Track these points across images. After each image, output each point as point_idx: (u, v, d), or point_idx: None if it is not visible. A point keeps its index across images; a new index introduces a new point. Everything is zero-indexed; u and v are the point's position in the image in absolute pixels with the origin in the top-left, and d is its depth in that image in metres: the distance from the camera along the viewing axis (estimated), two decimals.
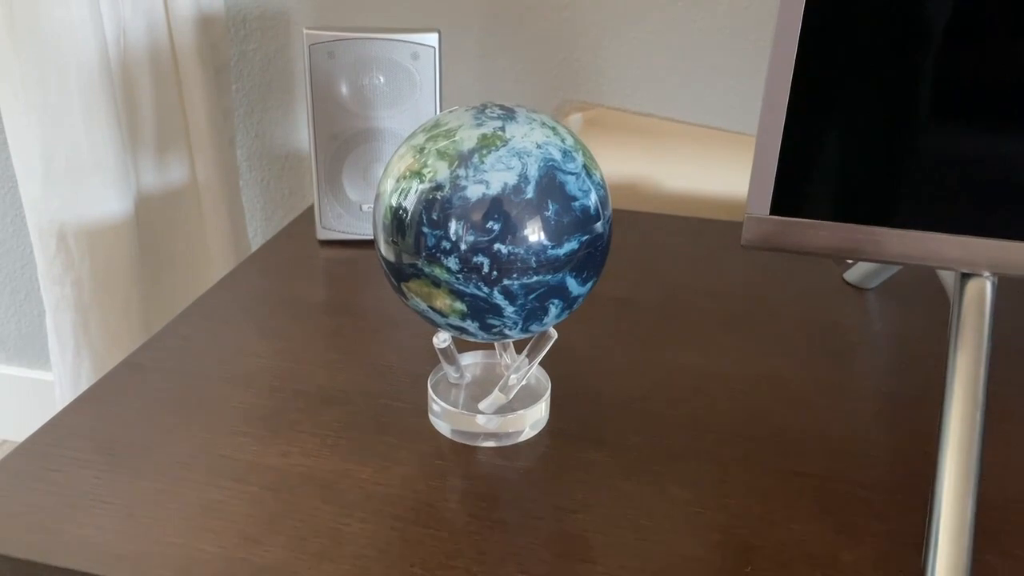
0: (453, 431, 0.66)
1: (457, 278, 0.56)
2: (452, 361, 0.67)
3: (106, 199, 1.12)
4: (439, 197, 0.56)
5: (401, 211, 0.57)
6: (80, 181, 1.11)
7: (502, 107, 0.60)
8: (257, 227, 1.39)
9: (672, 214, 1.08)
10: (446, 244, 0.56)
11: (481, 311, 0.58)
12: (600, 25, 1.11)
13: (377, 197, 0.60)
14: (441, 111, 0.92)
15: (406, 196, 0.57)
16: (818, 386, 0.74)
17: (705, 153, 1.16)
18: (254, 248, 1.35)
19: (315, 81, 0.90)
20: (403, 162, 0.59)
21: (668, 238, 1.01)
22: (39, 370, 1.60)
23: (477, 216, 0.55)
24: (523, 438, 0.66)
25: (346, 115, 0.92)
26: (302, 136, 1.29)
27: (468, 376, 0.69)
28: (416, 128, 0.61)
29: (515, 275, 0.56)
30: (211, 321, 0.81)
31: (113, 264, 1.15)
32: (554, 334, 0.64)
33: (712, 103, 1.13)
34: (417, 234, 0.56)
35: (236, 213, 1.28)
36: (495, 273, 0.56)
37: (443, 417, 0.67)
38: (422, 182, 0.56)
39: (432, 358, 0.74)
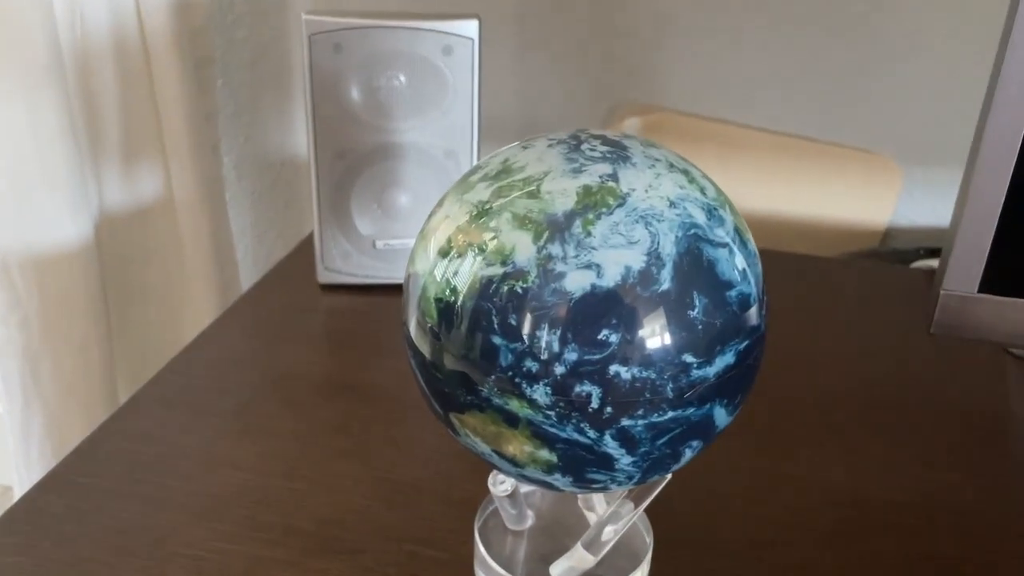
0: None
1: (548, 416, 0.35)
2: (514, 503, 0.46)
3: (58, 221, 0.92)
4: (520, 290, 0.34)
5: (451, 301, 0.36)
6: (25, 199, 0.91)
7: (605, 139, 0.39)
8: (247, 246, 1.19)
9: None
10: (532, 365, 0.35)
11: (580, 463, 0.37)
12: (662, 13, 0.91)
13: (409, 278, 0.39)
14: (481, 124, 0.71)
15: (457, 275, 0.36)
16: (1004, 514, 0.53)
17: (792, 167, 0.95)
18: (242, 273, 1.14)
19: (317, 82, 0.69)
20: (451, 225, 0.37)
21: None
22: None
23: (583, 321, 0.34)
24: None
25: (356, 126, 0.71)
26: (300, 140, 1.09)
27: (531, 517, 0.48)
28: (471, 170, 0.40)
29: (640, 412, 0.35)
30: (174, 410, 0.60)
31: (68, 301, 0.95)
32: (668, 475, 0.43)
33: (799, 107, 0.93)
34: (482, 345, 0.35)
35: (221, 233, 1.08)
36: (609, 410, 0.35)
37: None
38: (488, 263, 0.35)
39: (479, 474, 0.52)
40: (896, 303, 0.76)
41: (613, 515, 0.44)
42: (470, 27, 0.69)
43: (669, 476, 0.43)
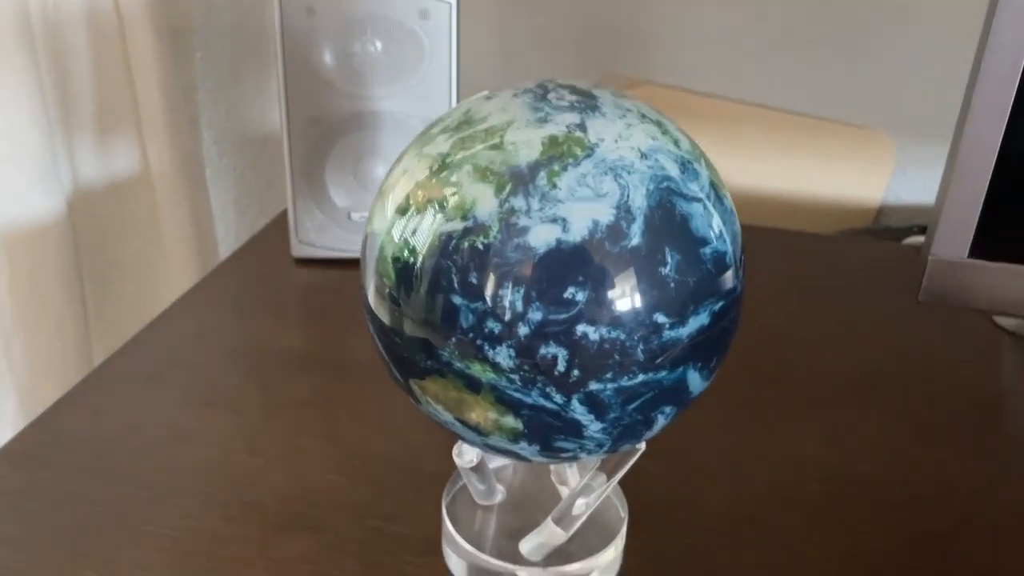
0: None
1: (512, 380, 0.33)
2: (482, 478, 0.44)
3: (28, 194, 0.89)
4: (481, 246, 0.32)
5: (410, 262, 0.34)
6: None
7: (573, 88, 0.37)
8: (229, 225, 1.16)
9: (744, 224, 0.85)
10: (494, 326, 0.32)
11: (547, 430, 0.35)
12: None
13: (366, 239, 0.37)
14: (459, 92, 0.69)
15: (416, 234, 0.34)
16: (1001, 496, 0.51)
17: (783, 143, 0.93)
18: (223, 252, 1.12)
19: (289, 47, 0.67)
20: (410, 180, 0.35)
21: (747, 256, 0.77)
22: None
23: (547, 279, 0.32)
24: None
25: (330, 93, 0.69)
26: None
27: (501, 492, 0.46)
28: (432, 123, 0.38)
29: (609, 375, 0.33)
30: (137, 384, 0.58)
31: (41, 277, 0.92)
32: (642, 445, 0.41)
33: (792, 82, 0.91)
34: (442, 306, 0.33)
35: (201, 210, 1.05)
36: (576, 373, 0.33)
37: (463, 555, 0.44)
38: (448, 218, 0.33)
39: (451, 448, 0.50)
40: (887, 279, 0.74)
41: (585, 488, 0.42)
42: None
43: (643, 447, 0.41)
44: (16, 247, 0.90)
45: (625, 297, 0.32)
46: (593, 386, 0.33)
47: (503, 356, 0.33)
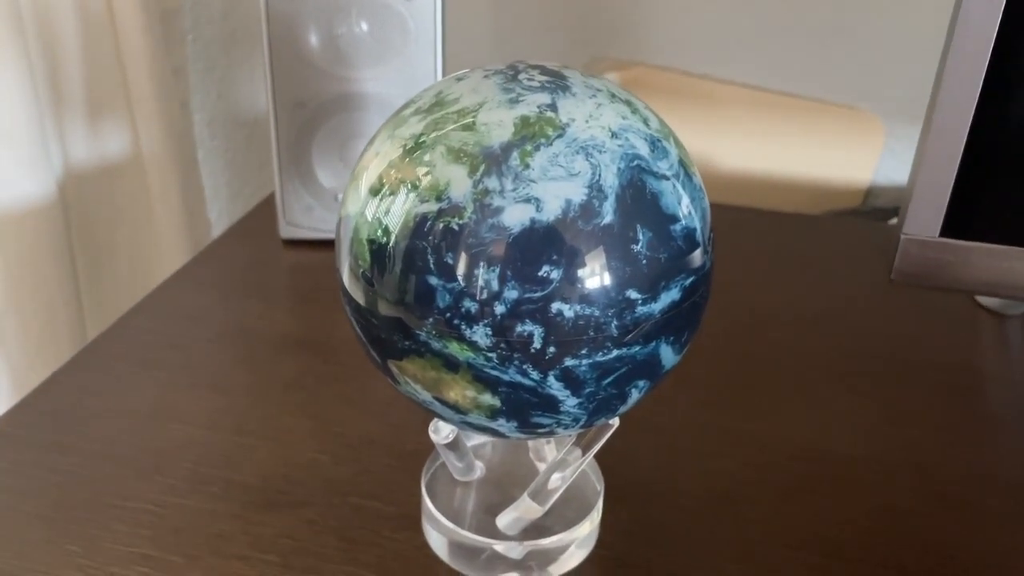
0: (456, 555, 0.44)
1: (488, 359, 0.34)
2: (459, 455, 0.44)
3: (17, 178, 0.89)
4: (456, 226, 0.33)
5: (384, 242, 0.34)
6: None
7: (543, 69, 0.37)
8: (221, 207, 1.17)
9: (734, 204, 0.86)
10: (470, 306, 0.33)
11: (524, 407, 0.35)
12: None
13: (340, 221, 0.38)
14: (445, 74, 0.69)
15: (389, 214, 0.34)
16: (972, 474, 0.52)
17: (773, 124, 0.93)
18: (215, 233, 1.12)
19: (274, 29, 0.67)
20: (383, 162, 0.36)
21: (734, 237, 0.78)
22: None
23: (522, 258, 0.32)
24: (563, 569, 0.44)
25: (316, 75, 0.69)
26: None
27: (480, 468, 0.47)
28: (404, 104, 0.38)
29: (584, 351, 0.34)
30: (122, 364, 0.58)
31: (33, 260, 0.93)
32: (616, 421, 0.42)
33: (781, 62, 0.91)
34: (417, 287, 0.34)
35: (192, 192, 1.06)
36: (552, 350, 0.33)
37: (442, 531, 0.45)
38: (422, 199, 0.33)
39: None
40: (873, 260, 0.75)
41: (561, 463, 0.42)
42: None
43: (617, 422, 0.41)
44: (8, 230, 0.91)
45: (598, 274, 0.33)
46: (569, 362, 0.34)
47: (480, 335, 0.33)
